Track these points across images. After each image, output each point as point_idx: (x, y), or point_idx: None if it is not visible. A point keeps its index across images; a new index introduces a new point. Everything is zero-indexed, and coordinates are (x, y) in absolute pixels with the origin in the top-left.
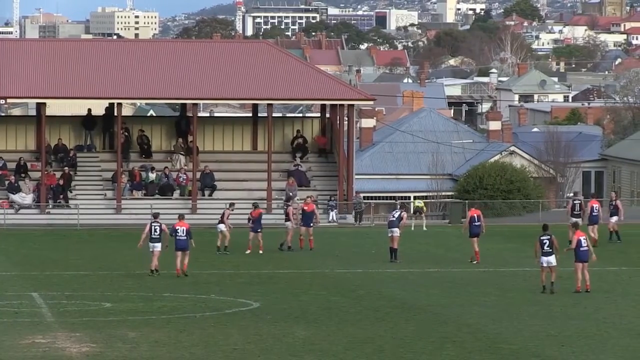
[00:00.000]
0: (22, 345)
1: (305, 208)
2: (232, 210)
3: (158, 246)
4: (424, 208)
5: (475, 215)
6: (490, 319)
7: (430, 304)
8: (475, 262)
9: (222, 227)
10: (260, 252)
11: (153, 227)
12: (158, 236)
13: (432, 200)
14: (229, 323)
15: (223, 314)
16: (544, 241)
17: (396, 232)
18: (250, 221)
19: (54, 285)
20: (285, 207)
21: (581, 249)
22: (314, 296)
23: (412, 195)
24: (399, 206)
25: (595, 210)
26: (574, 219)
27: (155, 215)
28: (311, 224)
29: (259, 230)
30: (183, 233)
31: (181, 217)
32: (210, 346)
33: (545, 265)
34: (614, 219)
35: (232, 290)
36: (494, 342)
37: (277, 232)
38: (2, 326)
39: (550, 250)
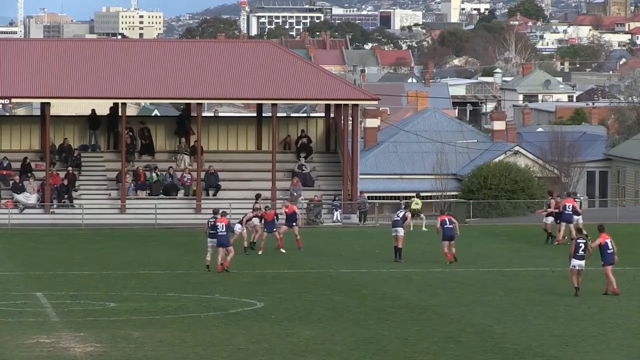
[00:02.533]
0: (27, 345)
1: (286, 210)
2: (258, 203)
3: (214, 242)
4: (420, 209)
5: (446, 219)
6: (495, 319)
7: (434, 304)
8: (449, 263)
9: (238, 228)
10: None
11: (210, 222)
12: (215, 232)
13: (437, 200)
14: (233, 323)
15: (227, 314)
16: (580, 245)
17: (400, 231)
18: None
19: (59, 285)
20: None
21: (608, 251)
22: (318, 296)
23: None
24: (403, 206)
25: (568, 209)
26: (550, 219)
27: (215, 211)
28: (294, 224)
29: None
30: (223, 229)
31: (223, 213)
32: (215, 346)
33: (577, 268)
34: (550, 219)
35: (236, 290)
36: (498, 342)
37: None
38: (6, 326)
39: (583, 254)
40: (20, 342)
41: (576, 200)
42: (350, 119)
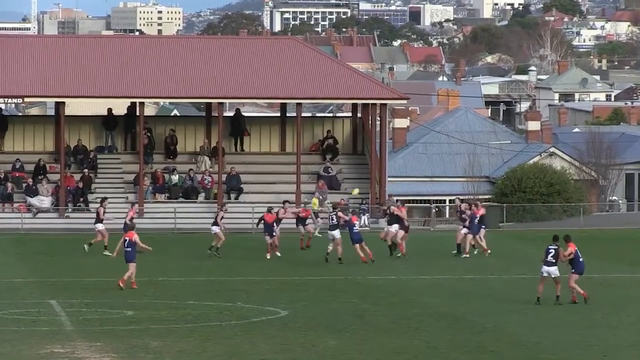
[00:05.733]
0: (41, 355)
1: (303, 214)
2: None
3: (335, 233)
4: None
5: (355, 222)
6: (529, 328)
7: (466, 313)
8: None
9: (215, 229)
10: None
11: (330, 216)
12: (335, 223)
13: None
14: (256, 332)
15: (249, 323)
16: (550, 251)
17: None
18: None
19: (74, 292)
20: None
21: (580, 259)
22: (345, 304)
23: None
24: (331, 208)
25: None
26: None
27: (334, 206)
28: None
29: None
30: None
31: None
32: (236, 356)
33: (545, 274)
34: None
35: (259, 298)
36: (533, 352)
37: (293, 236)
38: (19, 335)
39: (554, 260)
40: (34, 352)
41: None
42: (378, 119)
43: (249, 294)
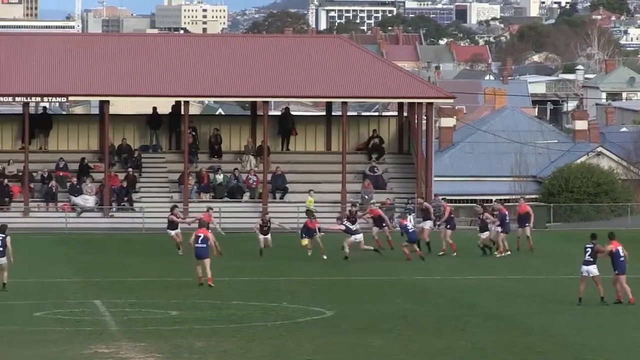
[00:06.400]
0: (85, 355)
1: (370, 215)
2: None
3: (428, 223)
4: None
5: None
6: (576, 329)
7: (512, 313)
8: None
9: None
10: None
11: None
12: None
13: (513, 204)
14: (301, 332)
15: (294, 323)
16: (587, 249)
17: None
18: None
19: (118, 292)
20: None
21: (621, 258)
22: (390, 304)
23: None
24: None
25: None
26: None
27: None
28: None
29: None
30: None
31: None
32: (281, 356)
33: (584, 274)
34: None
35: (304, 298)
36: (580, 353)
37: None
38: (63, 335)
39: (592, 259)
40: (78, 352)
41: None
42: (425, 118)
43: (294, 294)
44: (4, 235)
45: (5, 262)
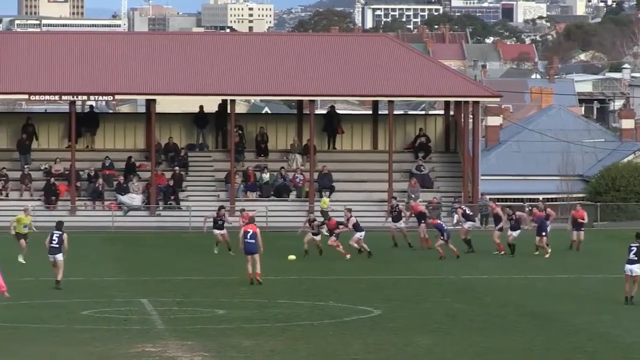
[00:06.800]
0: (132, 354)
1: (413, 212)
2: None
3: (468, 225)
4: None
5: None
6: (624, 328)
7: (559, 312)
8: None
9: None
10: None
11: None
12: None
13: (562, 203)
14: (348, 331)
15: (342, 322)
16: (632, 248)
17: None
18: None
19: (165, 291)
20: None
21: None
22: (438, 303)
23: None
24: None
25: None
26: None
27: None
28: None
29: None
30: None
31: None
32: (329, 356)
33: (628, 273)
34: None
35: (351, 297)
36: (628, 352)
37: (384, 234)
38: (110, 334)
39: (636, 258)
40: (125, 350)
41: None
42: (471, 116)
43: (340, 293)
44: (60, 232)
45: (60, 258)
